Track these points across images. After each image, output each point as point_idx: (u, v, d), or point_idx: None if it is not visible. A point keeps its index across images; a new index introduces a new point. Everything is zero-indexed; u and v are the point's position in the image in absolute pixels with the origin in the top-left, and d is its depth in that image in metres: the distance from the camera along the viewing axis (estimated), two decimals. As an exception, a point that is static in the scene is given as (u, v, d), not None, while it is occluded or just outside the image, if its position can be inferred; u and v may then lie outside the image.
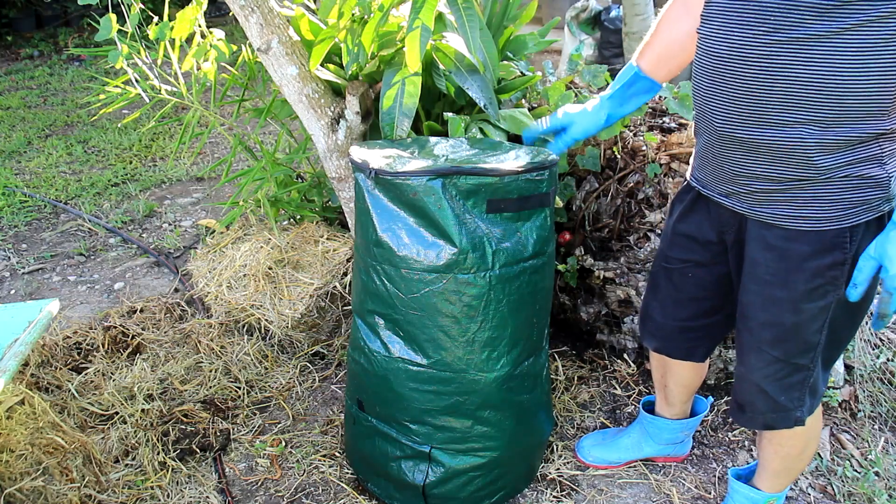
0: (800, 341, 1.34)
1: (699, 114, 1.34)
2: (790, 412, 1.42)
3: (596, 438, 1.99)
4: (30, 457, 1.81)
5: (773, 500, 1.68)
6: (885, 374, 2.13)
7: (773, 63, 1.13)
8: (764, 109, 1.17)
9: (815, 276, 1.27)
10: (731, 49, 1.18)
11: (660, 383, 1.86)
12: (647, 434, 1.93)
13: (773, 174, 1.22)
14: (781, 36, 1.11)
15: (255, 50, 2.03)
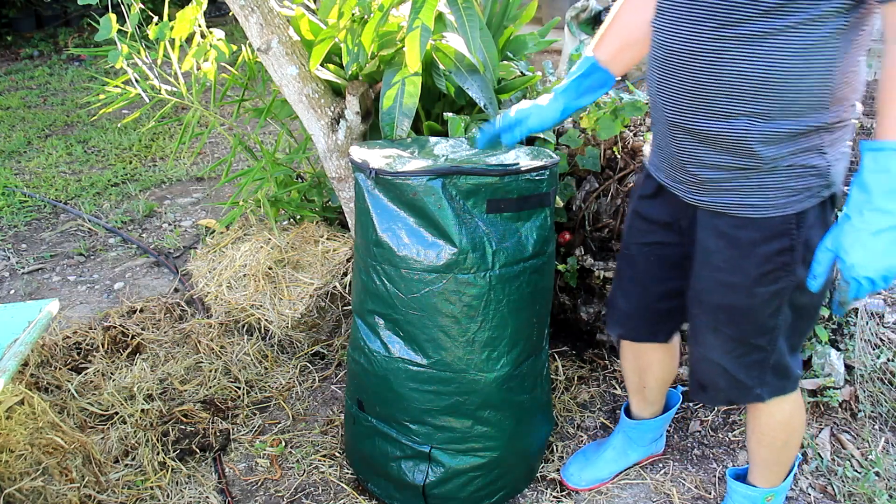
0: (755, 324, 1.39)
1: (653, 104, 1.39)
2: (750, 389, 1.46)
3: (579, 461, 1.93)
4: (29, 457, 1.80)
5: (771, 496, 1.69)
6: (886, 375, 2.13)
7: (719, 57, 1.18)
8: (711, 101, 1.22)
9: (765, 262, 1.32)
10: (681, 42, 1.23)
11: (637, 385, 1.85)
12: (631, 440, 1.92)
13: (721, 163, 1.27)
14: (728, 32, 1.16)
15: (255, 50, 2.03)
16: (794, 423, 1.57)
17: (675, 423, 2.11)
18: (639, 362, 1.80)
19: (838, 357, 2.16)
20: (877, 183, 1.12)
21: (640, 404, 1.90)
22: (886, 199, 1.12)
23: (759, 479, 1.69)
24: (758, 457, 1.64)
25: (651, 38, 1.34)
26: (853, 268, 1.17)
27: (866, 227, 1.13)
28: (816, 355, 2.17)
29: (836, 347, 2.24)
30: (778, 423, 1.55)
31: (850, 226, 1.16)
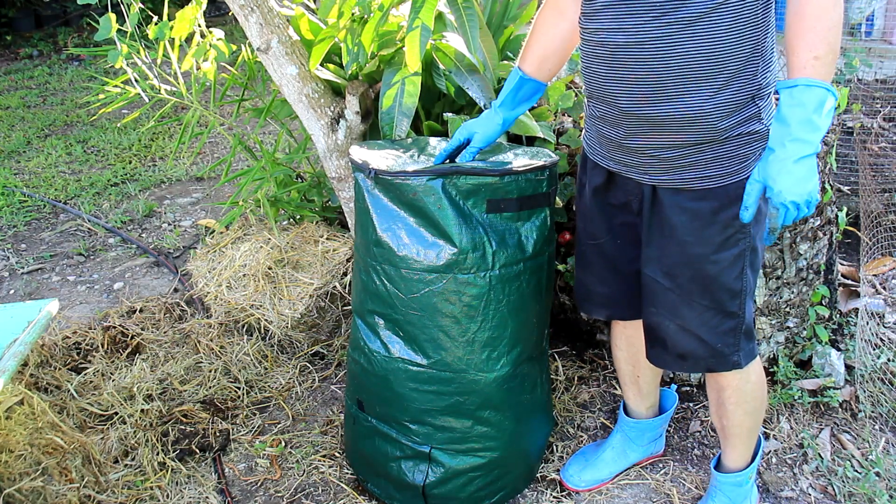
0: (725, 289, 1.47)
1: (597, 97, 1.47)
2: (728, 357, 1.54)
3: (578, 462, 1.93)
4: (29, 457, 1.80)
5: (753, 474, 1.75)
6: (886, 375, 2.13)
7: (666, 44, 1.29)
8: (666, 86, 1.33)
9: (725, 228, 1.43)
10: (625, 37, 1.33)
11: (631, 375, 1.86)
12: (630, 439, 1.92)
13: (679, 142, 1.38)
14: (670, 19, 1.28)
15: (254, 50, 2.03)
16: (763, 381, 1.65)
17: (675, 422, 2.11)
18: (632, 348, 1.81)
19: (838, 357, 2.16)
20: (793, 116, 1.24)
21: (636, 398, 1.90)
22: (803, 128, 1.23)
23: (739, 458, 1.72)
24: (739, 430, 1.67)
25: (585, 39, 1.44)
26: (780, 194, 1.27)
27: (788, 157, 1.24)
28: (816, 355, 2.17)
29: (837, 347, 2.24)
30: (754, 386, 1.62)
31: (774, 157, 1.27)
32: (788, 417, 2.07)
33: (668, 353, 1.59)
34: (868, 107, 3.05)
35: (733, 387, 1.61)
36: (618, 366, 1.88)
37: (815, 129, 1.23)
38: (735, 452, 1.72)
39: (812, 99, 1.22)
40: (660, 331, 1.57)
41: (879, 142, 2.93)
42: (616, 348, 1.86)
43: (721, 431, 1.71)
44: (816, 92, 1.22)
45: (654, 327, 1.58)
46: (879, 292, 2.55)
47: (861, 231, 2.43)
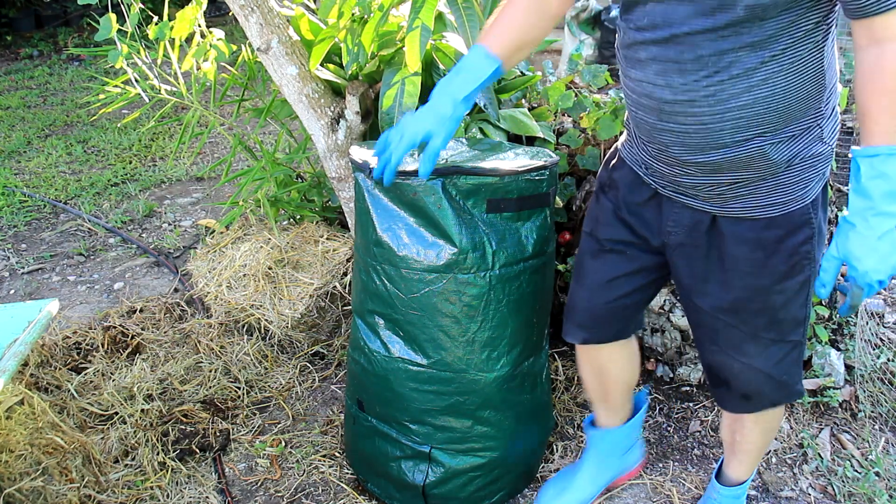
0: (790, 319, 1.40)
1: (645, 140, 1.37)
2: (793, 386, 1.47)
3: (554, 487, 1.81)
4: (29, 457, 1.80)
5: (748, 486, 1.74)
6: (886, 375, 2.13)
7: (719, 99, 1.19)
8: (719, 136, 1.23)
9: (791, 255, 1.34)
10: (675, 94, 1.23)
11: (599, 394, 1.75)
12: (603, 454, 1.80)
13: (738, 178, 1.29)
14: (722, 76, 1.17)
15: (255, 50, 2.03)
16: None
17: (675, 422, 2.11)
18: (598, 369, 1.71)
19: (838, 357, 2.16)
20: (877, 188, 1.12)
21: (606, 413, 1.79)
22: (888, 202, 1.12)
23: (744, 473, 1.70)
24: (752, 447, 1.64)
25: (631, 90, 1.32)
26: (866, 274, 1.17)
27: (873, 233, 1.14)
28: (816, 355, 2.17)
29: (837, 347, 2.24)
30: (779, 408, 1.56)
31: (855, 233, 1.16)
32: (788, 417, 2.07)
33: (731, 394, 1.50)
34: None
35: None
36: (585, 383, 1.78)
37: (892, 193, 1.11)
38: (742, 467, 1.69)
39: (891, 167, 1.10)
40: (724, 371, 1.48)
41: (879, 142, 2.92)
42: (581, 366, 1.76)
43: (731, 446, 1.66)
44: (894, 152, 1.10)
45: (718, 367, 1.49)
46: (879, 292, 2.55)
47: (861, 231, 2.43)
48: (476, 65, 1.37)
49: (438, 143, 1.36)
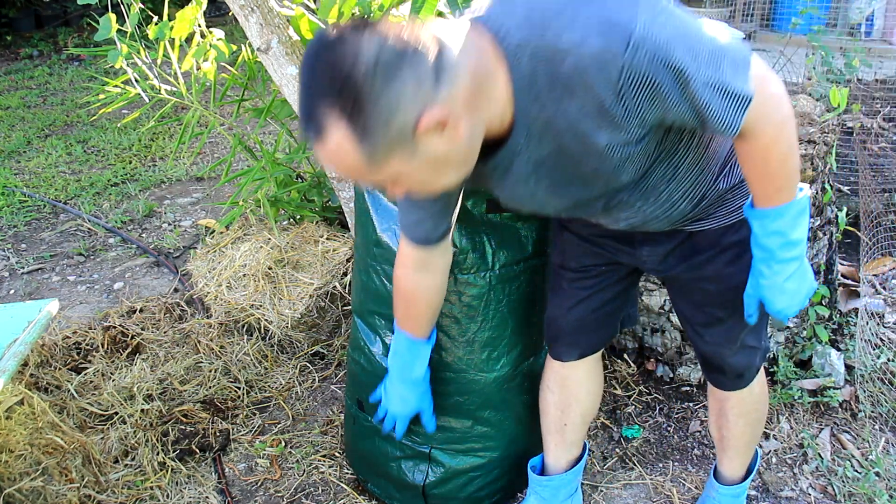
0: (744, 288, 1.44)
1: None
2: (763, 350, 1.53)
3: None
4: (29, 457, 1.80)
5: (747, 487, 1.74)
6: (886, 375, 2.13)
7: (633, 204, 1.28)
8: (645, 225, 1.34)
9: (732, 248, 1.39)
10: (593, 218, 1.35)
11: (557, 425, 1.69)
12: (545, 500, 1.74)
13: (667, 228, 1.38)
14: (617, 199, 1.26)
15: (255, 50, 2.03)
16: (765, 394, 1.63)
17: (675, 422, 2.11)
18: (565, 391, 1.66)
19: (838, 357, 2.16)
20: (772, 242, 1.22)
21: (558, 449, 1.72)
22: (784, 251, 1.21)
23: (737, 470, 1.70)
24: (739, 441, 1.65)
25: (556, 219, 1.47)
26: (780, 312, 1.27)
27: (778, 278, 1.24)
28: (816, 355, 2.17)
29: (837, 347, 2.24)
30: (757, 398, 1.59)
31: (764, 279, 1.26)
32: (788, 417, 2.07)
33: (726, 377, 1.55)
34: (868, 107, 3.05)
35: (737, 398, 1.58)
36: (544, 409, 1.71)
37: (796, 243, 1.21)
38: (732, 463, 1.69)
39: (786, 222, 1.19)
40: (717, 359, 1.52)
41: (879, 142, 2.93)
42: (546, 389, 1.69)
43: (720, 442, 1.68)
44: (789, 211, 1.18)
45: (710, 356, 1.53)
46: (879, 292, 2.55)
47: (861, 231, 2.43)
48: (411, 351, 1.57)
49: (430, 411, 1.65)
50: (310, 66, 0.96)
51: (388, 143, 0.97)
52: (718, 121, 1.07)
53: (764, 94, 1.08)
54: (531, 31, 1.02)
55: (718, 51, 1.04)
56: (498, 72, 1.04)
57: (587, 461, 1.87)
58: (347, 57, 0.93)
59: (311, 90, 0.96)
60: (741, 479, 1.71)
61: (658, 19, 1.01)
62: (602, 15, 1.00)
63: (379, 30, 0.96)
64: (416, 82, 0.95)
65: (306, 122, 0.98)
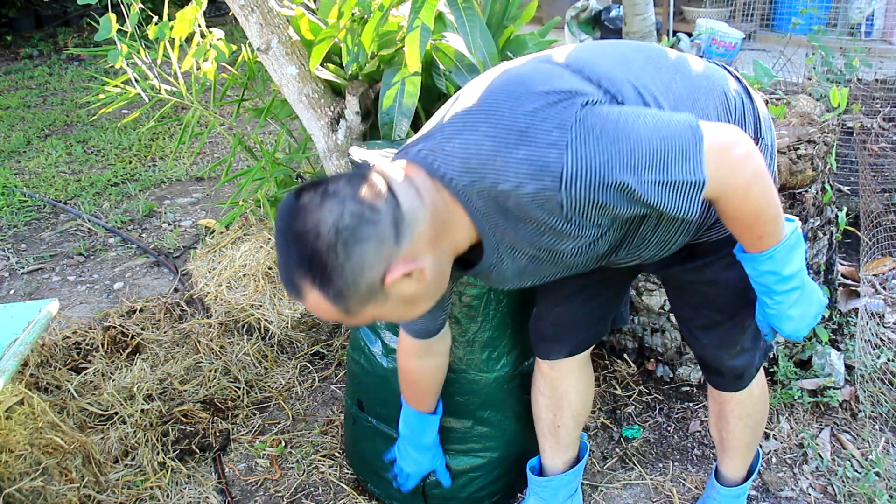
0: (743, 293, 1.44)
1: None
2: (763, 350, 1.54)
3: None
4: (29, 457, 1.80)
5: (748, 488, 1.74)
6: (886, 375, 2.13)
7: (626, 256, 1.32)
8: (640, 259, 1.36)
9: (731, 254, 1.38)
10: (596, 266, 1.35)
11: (550, 427, 1.70)
12: (545, 501, 1.75)
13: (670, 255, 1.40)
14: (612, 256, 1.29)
15: (254, 50, 2.03)
16: (765, 396, 1.63)
17: (675, 422, 2.11)
18: (555, 394, 1.66)
19: (838, 357, 2.16)
20: (767, 280, 1.25)
21: (554, 451, 1.72)
22: (781, 285, 1.24)
23: (737, 470, 1.70)
24: (739, 443, 1.64)
25: None
26: (790, 335, 1.30)
27: (782, 307, 1.26)
28: (816, 355, 2.17)
29: (837, 347, 2.24)
30: (756, 400, 1.59)
31: (769, 309, 1.28)
32: (788, 417, 2.08)
33: (725, 379, 1.55)
34: (868, 107, 3.05)
35: (736, 399, 1.57)
36: (536, 413, 1.71)
37: (791, 277, 1.22)
38: (733, 464, 1.69)
39: (777, 263, 1.21)
40: (716, 362, 1.53)
41: (879, 142, 2.93)
42: (537, 392, 1.69)
43: (720, 444, 1.68)
44: (777, 253, 1.20)
45: (709, 359, 1.54)
46: (879, 292, 2.55)
47: (861, 231, 2.43)
48: (420, 423, 1.67)
49: (443, 467, 1.74)
50: (281, 237, 1.04)
51: (360, 299, 1.04)
52: (674, 210, 1.10)
53: (725, 162, 1.10)
54: (473, 176, 1.07)
55: (662, 148, 1.06)
56: (454, 209, 1.10)
57: (587, 461, 1.87)
58: (310, 231, 1.00)
59: (285, 260, 1.04)
60: (742, 480, 1.71)
61: (589, 146, 1.04)
62: (531, 157, 1.04)
63: (336, 191, 1.01)
64: (378, 243, 1.01)
65: (286, 286, 1.07)
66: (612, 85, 1.16)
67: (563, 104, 1.07)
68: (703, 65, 1.32)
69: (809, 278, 1.28)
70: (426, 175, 1.10)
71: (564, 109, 1.07)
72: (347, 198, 1.01)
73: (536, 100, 1.08)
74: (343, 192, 1.02)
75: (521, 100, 1.09)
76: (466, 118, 1.12)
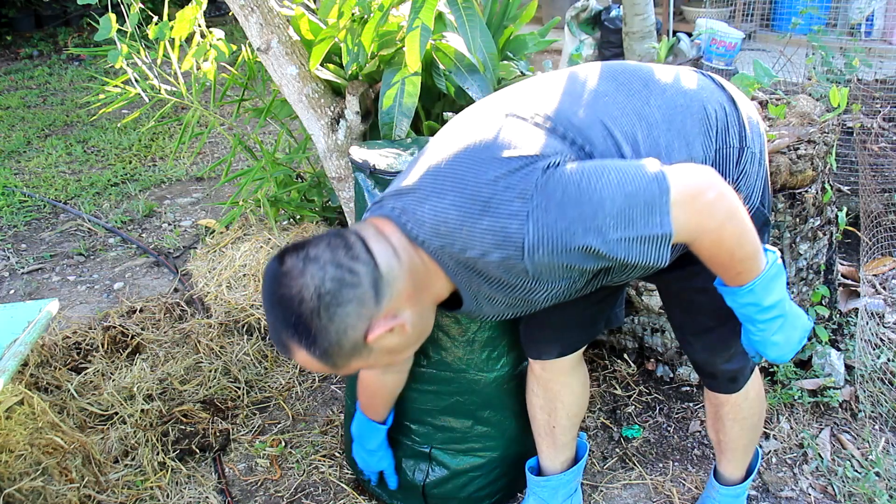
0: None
1: None
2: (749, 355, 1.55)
3: None
4: (29, 457, 1.80)
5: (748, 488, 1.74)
6: (886, 375, 2.13)
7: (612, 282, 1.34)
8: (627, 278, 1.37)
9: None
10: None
11: (546, 427, 1.70)
12: (544, 501, 1.75)
13: None
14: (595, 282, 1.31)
15: (255, 50, 2.03)
16: (762, 398, 1.63)
17: (675, 422, 2.11)
18: (549, 394, 1.66)
19: (838, 357, 2.16)
20: (750, 311, 1.26)
21: (551, 451, 1.73)
22: (763, 314, 1.25)
23: (735, 471, 1.70)
24: (736, 444, 1.64)
25: None
26: (775, 360, 1.31)
27: (765, 334, 1.27)
28: (816, 355, 2.17)
29: (837, 347, 2.24)
30: (752, 402, 1.59)
31: (753, 335, 1.29)
32: (788, 417, 2.08)
33: (719, 382, 1.55)
34: (868, 107, 3.05)
35: (732, 402, 1.57)
36: (531, 414, 1.72)
37: (772, 307, 1.23)
38: (731, 466, 1.69)
39: (756, 296, 1.22)
40: (709, 366, 1.53)
41: (879, 142, 2.93)
42: (531, 393, 1.70)
43: (717, 445, 1.68)
44: (755, 286, 1.22)
45: (703, 364, 1.54)
46: (879, 292, 2.55)
47: (861, 231, 2.43)
48: (368, 430, 1.74)
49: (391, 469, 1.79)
50: (268, 301, 1.12)
51: (345, 356, 1.12)
52: (643, 261, 1.12)
53: (695, 209, 1.12)
54: (443, 241, 1.14)
55: (627, 205, 1.08)
56: (430, 265, 1.17)
57: (587, 461, 1.87)
58: (294, 296, 1.07)
59: (273, 323, 1.12)
60: (741, 480, 1.71)
61: (550, 214, 1.07)
62: (494, 228, 1.09)
63: (317, 255, 1.08)
64: (358, 304, 1.09)
65: (276, 345, 1.15)
66: (579, 134, 1.18)
67: (525, 171, 1.10)
68: (681, 79, 1.31)
69: (793, 304, 1.30)
70: (401, 234, 1.16)
71: (526, 177, 1.10)
72: (328, 263, 1.08)
73: (499, 167, 1.11)
74: (323, 256, 1.09)
75: (484, 166, 1.12)
76: (435, 183, 1.16)
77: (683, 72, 1.34)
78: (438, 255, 1.15)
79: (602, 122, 1.20)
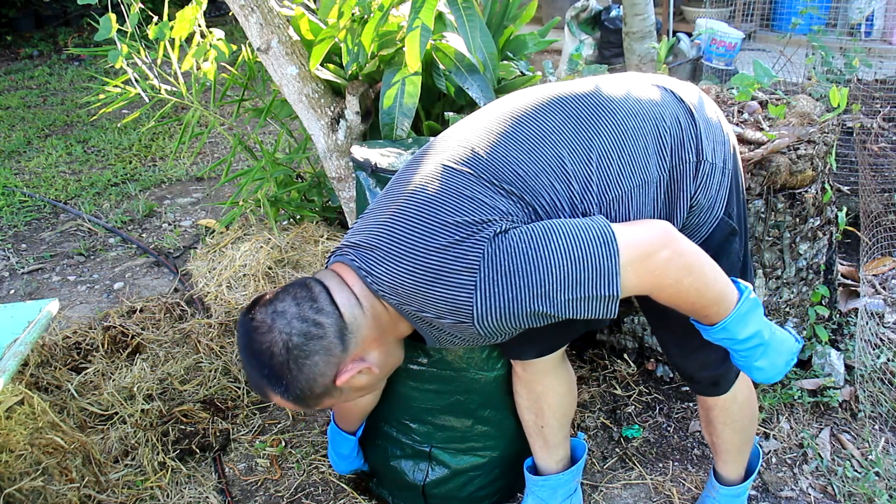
0: None
1: None
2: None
3: None
4: (29, 457, 1.80)
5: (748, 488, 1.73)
6: (886, 375, 2.13)
7: None
8: None
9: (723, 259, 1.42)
10: None
11: (535, 427, 1.70)
12: (543, 500, 1.75)
13: None
14: None
15: (255, 50, 2.03)
16: (752, 400, 1.62)
17: (675, 422, 2.11)
18: (532, 395, 1.66)
19: (838, 357, 2.16)
20: (727, 343, 1.29)
21: (543, 451, 1.72)
22: (744, 345, 1.27)
23: (733, 471, 1.69)
24: (729, 446, 1.64)
25: None
26: (763, 381, 1.34)
27: (748, 361, 1.30)
28: (816, 355, 2.17)
29: (836, 347, 2.24)
30: (741, 405, 1.59)
31: (737, 360, 1.33)
32: (788, 417, 2.08)
33: (701, 386, 1.55)
34: (868, 107, 3.05)
35: (720, 406, 1.57)
36: (520, 415, 1.73)
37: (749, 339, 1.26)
38: (728, 466, 1.69)
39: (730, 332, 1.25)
40: (687, 371, 1.54)
41: (879, 142, 2.93)
42: (517, 395, 1.70)
43: (712, 447, 1.68)
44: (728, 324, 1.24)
45: (682, 369, 1.55)
46: (879, 292, 2.55)
47: (861, 231, 2.43)
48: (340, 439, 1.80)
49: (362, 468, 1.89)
50: (242, 353, 1.22)
51: (317, 398, 1.22)
52: (591, 316, 1.16)
53: (647, 269, 1.14)
54: (400, 300, 1.20)
55: (575, 270, 1.11)
56: (391, 312, 1.24)
57: (587, 461, 1.87)
58: (265, 351, 1.17)
59: (248, 373, 1.23)
60: (741, 480, 1.71)
61: (497, 284, 1.12)
62: (445, 297, 1.15)
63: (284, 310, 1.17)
64: (325, 354, 1.18)
65: (254, 389, 1.26)
66: (526, 189, 1.19)
67: (471, 241, 1.14)
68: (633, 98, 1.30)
69: (777, 330, 1.31)
70: (362, 284, 1.23)
71: (472, 247, 1.14)
72: (294, 318, 1.17)
73: (447, 234, 1.16)
74: (290, 311, 1.17)
75: (434, 233, 1.16)
76: (391, 246, 1.20)
77: (636, 87, 1.33)
78: (398, 308, 1.22)
79: (551, 169, 1.21)
